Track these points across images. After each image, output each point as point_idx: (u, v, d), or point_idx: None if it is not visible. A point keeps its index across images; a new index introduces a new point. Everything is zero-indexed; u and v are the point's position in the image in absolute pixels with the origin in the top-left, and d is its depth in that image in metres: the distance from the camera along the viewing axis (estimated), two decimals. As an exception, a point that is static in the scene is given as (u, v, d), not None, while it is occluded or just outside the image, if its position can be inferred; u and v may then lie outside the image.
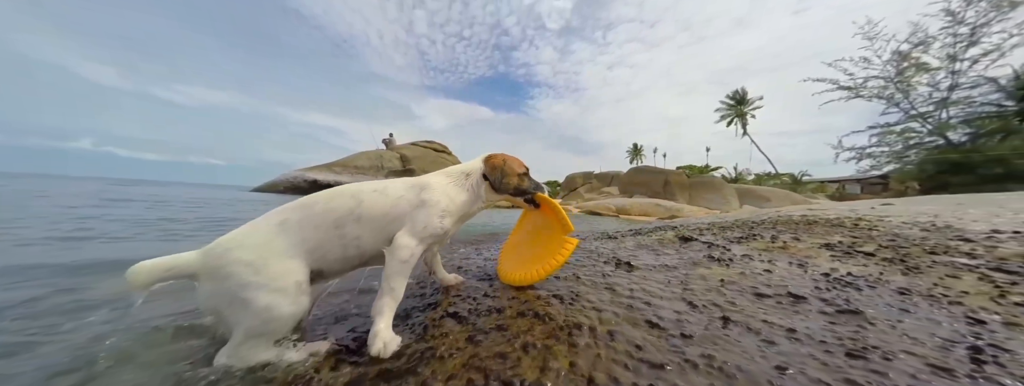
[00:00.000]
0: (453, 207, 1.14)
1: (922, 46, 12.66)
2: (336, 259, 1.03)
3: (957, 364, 0.69)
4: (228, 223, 5.21)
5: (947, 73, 12.65)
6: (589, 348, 0.84)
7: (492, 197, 1.27)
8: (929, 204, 2.80)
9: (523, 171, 1.29)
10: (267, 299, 0.87)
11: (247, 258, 0.91)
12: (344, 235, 1.01)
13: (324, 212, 1.02)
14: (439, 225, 1.07)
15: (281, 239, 0.96)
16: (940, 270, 1.24)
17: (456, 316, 1.08)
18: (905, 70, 13.11)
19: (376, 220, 1.04)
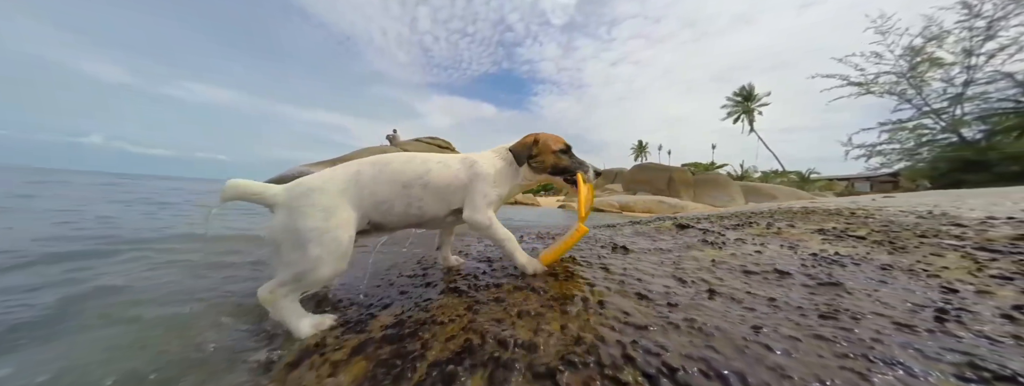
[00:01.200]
0: (498, 176, 1.23)
1: (936, 40, 12.31)
2: (398, 214, 1.15)
3: (920, 322, 0.73)
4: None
5: (962, 68, 12.27)
6: (580, 315, 0.90)
7: (530, 175, 1.27)
8: (931, 196, 2.80)
9: (560, 148, 1.25)
10: (319, 251, 0.97)
11: (324, 202, 1.02)
12: (410, 195, 1.14)
13: (397, 172, 1.14)
14: (495, 193, 1.21)
15: (353, 190, 1.07)
16: (925, 250, 1.27)
17: (456, 290, 1.15)
18: (918, 65, 12.76)
19: (439, 189, 1.17)
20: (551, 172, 1.26)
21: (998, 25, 11.45)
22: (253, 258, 2.33)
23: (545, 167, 1.24)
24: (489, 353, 0.74)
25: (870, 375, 0.59)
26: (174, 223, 4.29)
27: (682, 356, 0.69)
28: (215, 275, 1.98)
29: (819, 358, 0.66)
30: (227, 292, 1.64)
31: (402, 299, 1.15)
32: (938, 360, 0.60)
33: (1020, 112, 12.29)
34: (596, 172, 1.29)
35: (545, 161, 1.24)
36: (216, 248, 2.70)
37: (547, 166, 1.24)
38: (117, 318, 1.37)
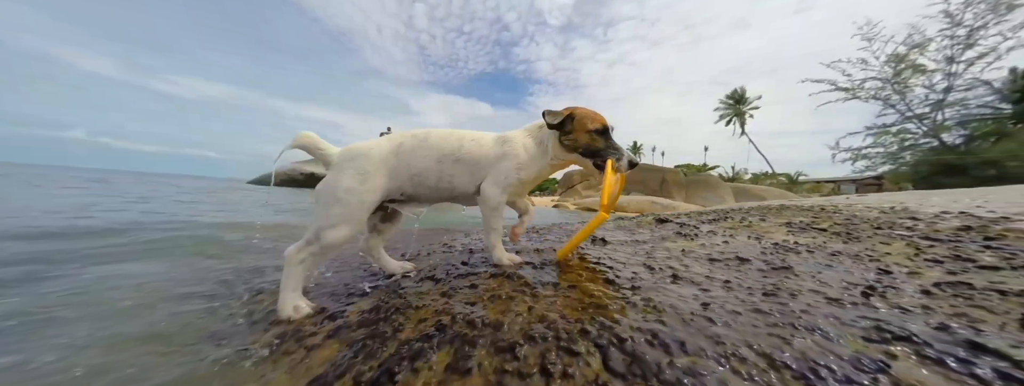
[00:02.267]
0: (528, 160, 1.19)
1: (919, 48, 12.70)
2: (429, 187, 1.19)
3: (848, 297, 0.80)
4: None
5: (944, 75, 12.67)
6: (548, 297, 0.95)
7: (560, 154, 1.18)
8: (901, 195, 2.92)
9: (596, 128, 1.14)
10: (342, 210, 1.06)
11: (366, 167, 1.11)
12: (442, 170, 1.17)
13: (433, 147, 1.18)
14: (516, 176, 1.18)
15: (393, 160, 1.15)
16: (876, 239, 1.35)
17: (433, 278, 1.20)
18: (902, 71, 13.14)
19: (470, 165, 1.18)
20: (582, 153, 1.16)
21: (977, 34, 11.84)
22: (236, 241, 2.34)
23: (577, 146, 1.15)
24: (457, 332, 0.78)
25: (792, 339, 0.65)
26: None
27: (632, 329, 0.74)
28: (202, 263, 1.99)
29: (753, 327, 0.72)
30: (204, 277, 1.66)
31: (382, 288, 1.20)
32: (852, 326, 0.67)
33: (997, 118, 12.77)
34: (631, 163, 1.15)
35: (578, 140, 1.14)
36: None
37: (579, 145, 1.15)
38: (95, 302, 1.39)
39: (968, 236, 1.28)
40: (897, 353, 0.58)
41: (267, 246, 2.56)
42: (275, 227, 3.79)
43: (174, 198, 7.25)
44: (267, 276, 1.69)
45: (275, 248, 2.40)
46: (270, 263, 1.97)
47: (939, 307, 0.71)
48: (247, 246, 2.57)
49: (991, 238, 1.22)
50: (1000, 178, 10.60)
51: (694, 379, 0.58)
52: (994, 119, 12.71)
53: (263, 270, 1.83)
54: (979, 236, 1.26)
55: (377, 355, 0.76)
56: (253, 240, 2.80)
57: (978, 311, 0.67)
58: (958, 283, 0.82)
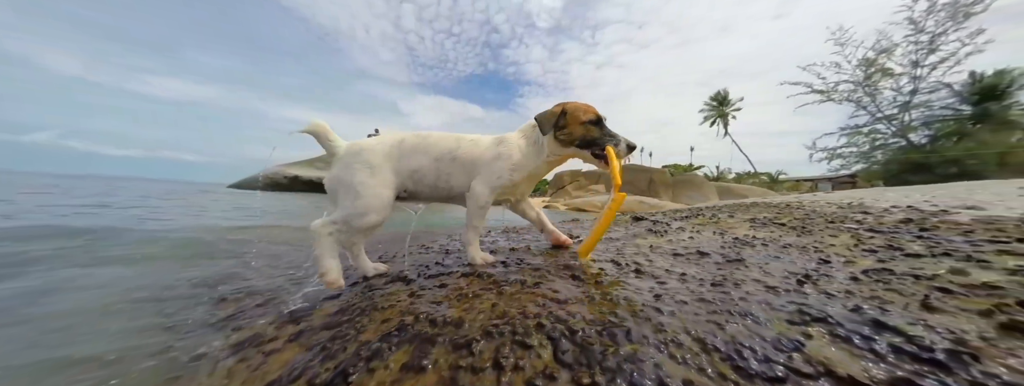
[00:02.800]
0: (523, 160, 1.21)
1: (886, 53, 13.39)
2: (428, 185, 1.23)
3: (784, 285, 0.86)
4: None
5: (909, 78, 13.40)
6: (513, 295, 0.97)
7: (557, 150, 1.19)
8: (861, 192, 3.08)
9: (590, 119, 1.15)
10: (366, 201, 1.13)
11: (371, 161, 1.17)
12: (440, 168, 1.21)
13: (432, 145, 1.23)
14: (508, 177, 1.20)
15: (396, 155, 1.20)
16: (826, 232, 1.44)
17: (404, 279, 1.20)
18: (872, 75, 13.83)
19: (465, 164, 1.22)
20: (579, 145, 1.17)
21: (939, 40, 12.59)
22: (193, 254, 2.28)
23: (573, 139, 1.16)
24: (418, 331, 0.79)
25: (726, 325, 0.70)
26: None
27: (586, 322, 0.77)
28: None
29: (695, 315, 0.76)
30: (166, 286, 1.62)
31: (350, 290, 1.20)
32: (780, 311, 0.72)
33: (958, 119, 13.58)
34: (630, 146, 1.16)
35: (573, 133, 1.15)
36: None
37: (575, 138, 1.16)
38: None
39: (906, 228, 1.38)
40: (813, 333, 0.63)
41: (223, 247, 2.50)
42: (224, 230, 3.63)
43: (138, 203, 6.95)
44: (233, 284, 1.66)
45: (234, 252, 2.34)
46: (229, 270, 1.93)
47: (859, 291, 0.77)
48: (204, 252, 2.49)
49: (925, 229, 1.32)
50: (961, 175, 11.26)
51: (633, 365, 0.62)
52: (955, 120, 13.53)
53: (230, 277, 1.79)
54: (916, 227, 1.36)
55: (336, 357, 0.77)
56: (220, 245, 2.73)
57: (891, 294, 0.73)
58: (883, 270, 0.89)
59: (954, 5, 12.07)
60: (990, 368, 0.49)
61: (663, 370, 0.60)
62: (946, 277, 0.79)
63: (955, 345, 0.54)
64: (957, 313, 0.62)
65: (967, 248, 1.01)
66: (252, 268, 1.93)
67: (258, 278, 1.55)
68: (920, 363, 0.52)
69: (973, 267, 0.85)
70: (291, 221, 4.99)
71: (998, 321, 0.57)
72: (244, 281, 1.66)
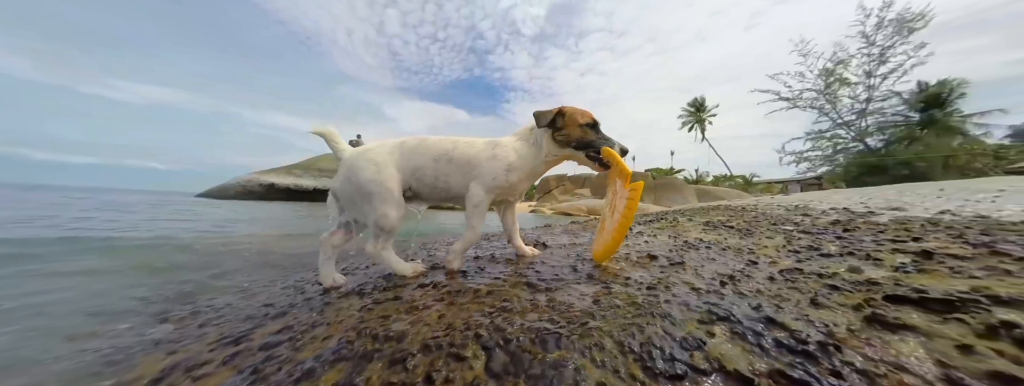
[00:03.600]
0: (519, 161, 1.25)
1: (843, 64, 14.49)
2: (428, 185, 1.29)
3: (708, 286, 0.92)
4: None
5: (864, 87, 14.54)
6: (463, 305, 0.98)
7: (554, 150, 1.24)
8: (813, 195, 3.30)
9: (587, 122, 1.21)
10: (380, 200, 1.19)
11: (376, 158, 1.24)
12: (438, 168, 1.27)
13: (431, 146, 1.29)
14: (504, 178, 1.23)
15: (398, 153, 1.27)
16: (765, 234, 1.54)
17: (359, 292, 1.19)
18: (831, 84, 14.90)
19: (461, 165, 1.26)
20: (575, 146, 1.22)
21: (888, 52, 13.76)
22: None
23: (570, 140, 1.21)
24: (358, 347, 0.79)
25: (646, 327, 0.75)
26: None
27: (523, 329, 0.80)
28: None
29: (623, 319, 0.81)
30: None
31: (301, 306, 1.17)
32: (695, 311, 0.78)
33: (908, 125, 14.79)
34: (623, 149, 1.21)
35: (571, 134, 1.21)
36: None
37: (572, 139, 1.21)
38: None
39: (833, 229, 1.50)
40: (716, 332, 0.68)
41: (173, 261, 2.38)
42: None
43: (83, 214, 6.45)
44: (174, 301, 1.58)
45: (183, 265, 2.23)
46: (175, 286, 1.84)
47: (768, 290, 0.84)
48: (151, 266, 2.36)
49: (848, 230, 1.44)
50: (911, 176, 12.21)
51: (555, 371, 0.65)
52: (905, 126, 14.74)
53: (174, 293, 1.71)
54: (841, 229, 1.48)
55: (268, 379, 0.75)
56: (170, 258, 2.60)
57: (792, 292, 0.81)
58: (796, 270, 0.97)
59: (899, 21, 13.26)
60: (848, 357, 0.56)
61: (581, 374, 0.63)
62: (842, 275, 0.87)
63: (825, 337, 0.60)
64: (836, 308, 0.69)
65: (871, 247, 1.12)
66: (198, 283, 1.85)
67: (204, 294, 1.50)
68: (795, 355, 0.58)
69: (868, 265, 0.94)
70: (252, 229, 4.79)
71: (864, 314, 0.64)
72: (186, 298, 1.60)
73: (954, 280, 0.74)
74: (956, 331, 0.55)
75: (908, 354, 0.54)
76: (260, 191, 12.90)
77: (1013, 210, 1.55)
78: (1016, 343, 0.51)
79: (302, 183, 13.16)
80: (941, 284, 0.71)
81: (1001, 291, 0.62)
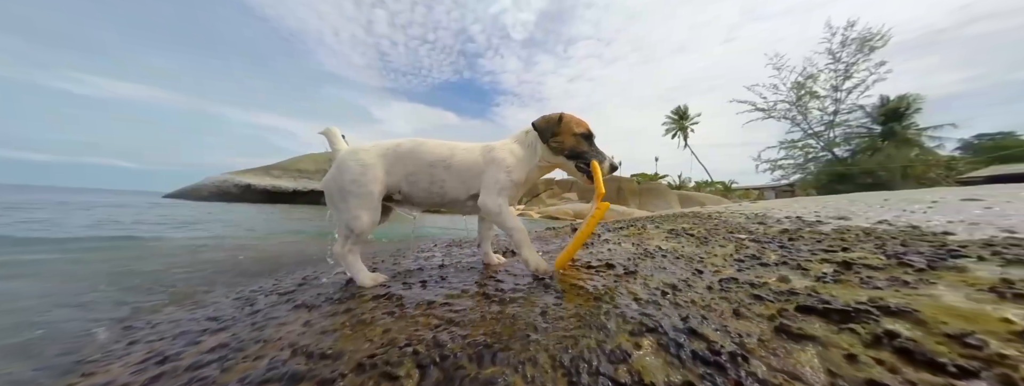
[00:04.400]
0: (515, 162, 1.24)
1: (812, 78, 15.45)
2: (421, 190, 1.27)
3: (649, 296, 0.95)
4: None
5: (832, 100, 15.52)
6: (413, 318, 0.95)
7: (548, 156, 1.24)
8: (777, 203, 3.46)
9: (582, 132, 1.21)
10: (356, 201, 1.18)
11: (364, 159, 1.22)
12: (433, 174, 1.25)
13: (427, 151, 1.26)
14: (507, 179, 1.21)
15: (391, 156, 1.25)
16: (720, 242, 1.60)
17: (309, 306, 1.15)
18: (802, 96, 15.82)
19: (460, 172, 1.24)
20: (567, 155, 1.22)
21: (852, 68, 14.77)
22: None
23: (563, 148, 1.21)
24: (288, 368, 0.75)
25: (581, 340, 0.76)
26: None
27: (464, 345, 0.79)
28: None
29: (563, 331, 0.82)
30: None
31: (245, 320, 1.12)
32: (630, 323, 0.80)
33: (871, 136, 15.85)
34: (612, 166, 1.22)
35: (565, 142, 1.20)
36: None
37: (565, 147, 1.20)
38: None
39: (780, 238, 1.58)
40: (644, 344, 0.71)
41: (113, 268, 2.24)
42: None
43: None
44: (107, 312, 1.47)
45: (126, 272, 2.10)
46: (111, 294, 1.73)
47: (701, 301, 0.87)
48: (86, 274, 2.22)
49: (792, 239, 1.52)
50: (874, 185, 13.05)
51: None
52: (869, 137, 15.80)
53: (111, 303, 1.61)
54: (786, 237, 1.56)
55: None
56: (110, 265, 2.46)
57: (722, 302, 0.84)
58: (733, 279, 1.01)
59: (861, 40, 14.31)
60: (753, 367, 0.59)
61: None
62: (771, 285, 0.92)
63: (737, 348, 0.63)
64: (753, 318, 0.73)
65: (805, 257, 1.18)
66: (137, 290, 1.75)
67: (146, 303, 1.41)
68: (707, 366, 0.61)
69: (796, 274, 1.00)
70: (192, 232, 4.54)
71: (775, 324, 0.68)
72: (117, 309, 1.51)
73: (860, 290, 0.79)
74: (847, 341, 0.59)
75: (805, 363, 0.57)
76: (236, 192, 12.31)
77: (938, 221, 1.68)
78: (895, 352, 0.55)
79: (281, 184, 12.71)
80: (848, 294, 0.76)
81: (893, 301, 0.68)
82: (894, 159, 14.34)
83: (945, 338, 0.54)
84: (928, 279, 0.81)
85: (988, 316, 0.58)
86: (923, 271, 0.88)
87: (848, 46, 14.85)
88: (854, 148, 16.36)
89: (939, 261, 0.95)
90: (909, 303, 0.66)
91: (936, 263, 0.93)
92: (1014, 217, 1.54)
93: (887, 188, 12.78)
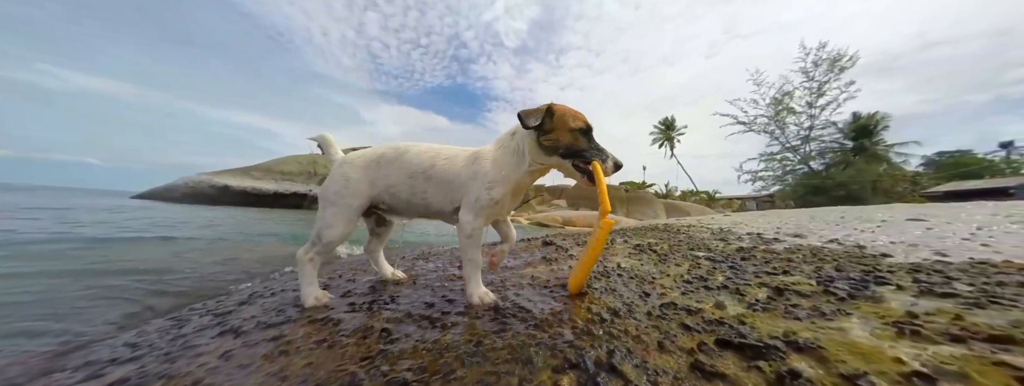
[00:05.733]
0: (499, 175, 1.10)
1: (788, 95, 16.27)
2: (403, 201, 1.23)
3: (586, 325, 0.94)
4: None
5: (807, 116, 16.35)
6: (343, 347, 0.90)
7: (540, 157, 1.06)
8: (747, 216, 3.55)
9: (579, 126, 1.03)
10: (332, 212, 1.19)
11: (348, 173, 1.22)
12: (414, 185, 1.19)
13: (408, 161, 1.21)
14: (487, 196, 1.08)
15: (374, 169, 1.23)
16: (677, 260, 1.62)
17: (236, 330, 1.08)
18: (779, 112, 16.61)
19: (441, 184, 1.17)
20: (563, 154, 1.05)
21: (825, 87, 15.65)
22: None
23: (558, 146, 1.03)
24: None
25: (503, 376, 0.73)
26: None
27: (383, 383, 0.73)
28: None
29: (490, 366, 0.79)
30: None
31: (165, 347, 1.04)
32: (556, 356, 0.78)
33: (843, 151, 16.71)
34: (616, 164, 1.05)
35: (559, 139, 1.03)
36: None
37: (560, 145, 1.03)
38: None
39: (733, 256, 1.61)
40: (564, 382, 0.69)
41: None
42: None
43: None
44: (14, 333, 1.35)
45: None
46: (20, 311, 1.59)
47: (634, 330, 0.86)
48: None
49: (744, 258, 1.55)
50: (847, 198, 13.68)
51: None
52: (841, 151, 16.66)
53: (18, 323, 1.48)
54: (739, 257, 1.59)
55: None
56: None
57: (652, 333, 0.83)
58: (673, 304, 1.01)
59: (831, 61, 15.24)
60: (660, 410, 0.57)
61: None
62: (705, 312, 0.92)
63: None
64: (675, 352, 0.72)
65: (749, 279, 1.20)
66: (42, 302, 1.62)
67: (57, 324, 1.30)
68: (616, 408, 0.59)
69: (733, 300, 1.00)
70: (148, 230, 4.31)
71: (692, 360, 0.67)
72: (27, 328, 1.39)
73: (781, 321, 0.80)
74: (753, 380, 0.59)
75: (710, 405, 0.57)
76: (212, 193, 11.77)
77: (882, 241, 1.75)
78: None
79: (261, 186, 12.27)
80: (767, 326, 0.77)
81: (805, 336, 0.68)
82: (865, 173, 15.12)
83: (840, 379, 0.55)
84: (845, 310, 0.82)
85: (883, 355, 0.59)
86: (843, 301, 0.90)
87: (820, 66, 15.77)
88: (828, 162, 17.20)
89: (861, 290, 0.97)
90: (818, 338, 0.67)
91: (857, 292, 0.95)
92: (949, 239, 1.63)
93: (859, 200, 13.41)
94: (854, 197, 14.42)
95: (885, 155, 16.38)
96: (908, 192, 14.83)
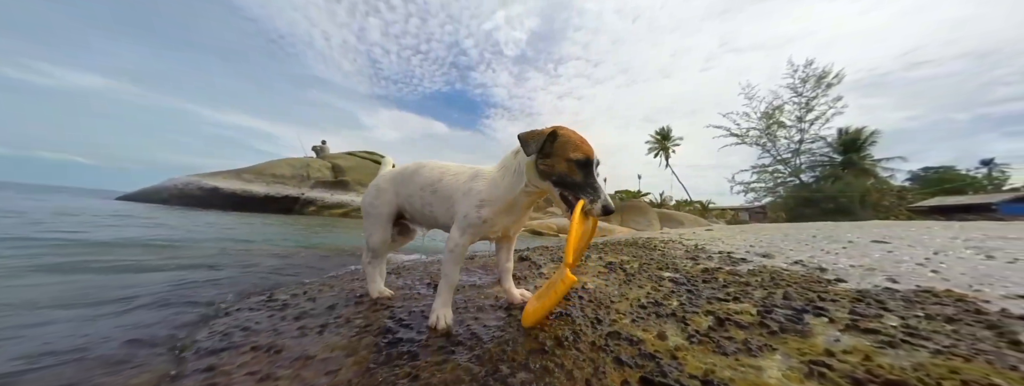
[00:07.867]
0: (492, 195, 1.07)
1: (778, 109, 16.66)
2: (417, 211, 1.35)
3: (527, 355, 0.94)
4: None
5: (797, 130, 16.72)
6: (276, 380, 0.87)
7: (536, 181, 1.02)
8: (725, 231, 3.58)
9: (578, 158, 0.94)
10: (369, 222, 1.42)
11: (379, 185, 1.43)
12: (424, 197, 1.30)
13: (422, 175, 1.32)
14: (476, 215, 1.06)
15: (398, 180, 1.40)
16: (641, 282, 1.63)
17: (213, 352, 1.05)
18: (770, 125, 16.96)
19: (444, 199, 1.24)
20: (555, 182, 0.99)
21: (813, 102, 16.05)
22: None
23: (552, 174, 0.98)
24: None
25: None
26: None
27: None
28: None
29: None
30: None
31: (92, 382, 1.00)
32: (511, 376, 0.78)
33: (833, 164, 17.04)
34: (606, 209, 0.92)
35: (555, 166, 0.96)
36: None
37: (554, 173, 0.97)
38: None
39: (697, 278, 1.62)
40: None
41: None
42: None
43: None
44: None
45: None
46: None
47: (570, 364, 0.87)
48: None
49: (706, 281, 1.56)
50: (836, 210, 13.88)
51: None
52: (830, 165, 17.00)
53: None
54: (701, 279, 1.61)
55: None
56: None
57: (585, 366, 0.84)
58: (617, 333, 1.02)
59: (818, 77, 15.70)
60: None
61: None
62: (645, 343, 0.93)
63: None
64: (600, 389, 0.72)
65: (701, 305, 1.21)
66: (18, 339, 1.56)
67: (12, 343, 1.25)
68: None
69: (676, 329, 1.01)
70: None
71: (612, 398, 0.68)
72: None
73: (710, 356, 0.81)
74: (662, 424, 0.59)
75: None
76: (201, 196, 11.59)
77: (843, 265, 1.78)
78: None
79: (252, 189, 12.13)
80: (695, 361, 0.78)
81: (723, 375, 0.69)
82: (853, 187, 15.40)
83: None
84: (772, 345, 0.84)
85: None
86: (774, 334, 0.91)
87: (808, 82, 16.21)
88: (818, 175, 17.51)
89: (795, 322, 0.99)
90: (734, 378, 0.68)
91: (791, 324, 0.97)
92: (904, 264, 1.66)
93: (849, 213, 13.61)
94: (844, 210, 14.66)
95: (873, 169, 16.72)
96: (895, 206, 15.09)
